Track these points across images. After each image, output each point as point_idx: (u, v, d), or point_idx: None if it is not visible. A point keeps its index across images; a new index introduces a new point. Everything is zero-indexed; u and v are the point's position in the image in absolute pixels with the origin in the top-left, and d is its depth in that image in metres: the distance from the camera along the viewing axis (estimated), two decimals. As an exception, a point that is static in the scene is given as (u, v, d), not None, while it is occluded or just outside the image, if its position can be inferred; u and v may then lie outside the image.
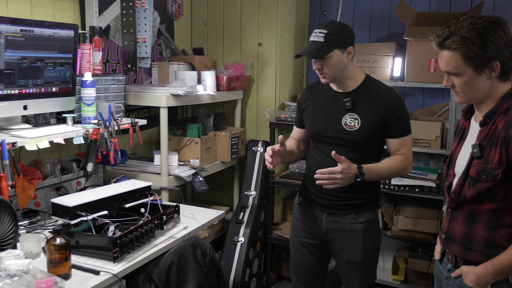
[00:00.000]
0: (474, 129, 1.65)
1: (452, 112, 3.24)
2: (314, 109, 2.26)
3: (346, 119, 2.14)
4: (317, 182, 2.02)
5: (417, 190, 3.33)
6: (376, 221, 2.26)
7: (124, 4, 2.48)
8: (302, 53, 2.14)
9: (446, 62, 1.56)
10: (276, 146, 2.12)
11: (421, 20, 3.33)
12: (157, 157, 2.84)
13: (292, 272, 2.44)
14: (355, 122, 2.13)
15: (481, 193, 1.57)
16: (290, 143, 2.38)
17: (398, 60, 3.38)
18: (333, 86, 2.22)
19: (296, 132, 2.42)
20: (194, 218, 2.34)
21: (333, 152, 1.97)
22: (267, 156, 2.14)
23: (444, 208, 1.79)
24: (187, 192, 3.64)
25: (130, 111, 3.08)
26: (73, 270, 1.73)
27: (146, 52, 2.59)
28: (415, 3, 3.49)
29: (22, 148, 2.02)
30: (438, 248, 1.80)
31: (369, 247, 2.23)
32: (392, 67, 3.38)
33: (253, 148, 3.44)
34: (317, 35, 2.08)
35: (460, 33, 1.52)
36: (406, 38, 3.27)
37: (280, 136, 2.13)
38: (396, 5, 3.37)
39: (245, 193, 3.38)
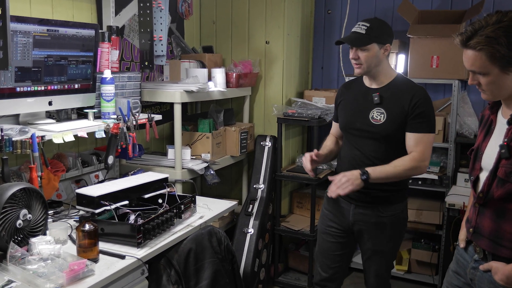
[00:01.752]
0: (502, 125, 1.63)
1: (453, 107, 3.36)
2: (347, 103, 2.38)
3: (373, 113, 2.25)
4: (329, 194, 2.17)
5: (420, 182, 3.44)
6: (402, 214, 2.34)
7: (141, 5, 2.60)
8: (344, 40, 2.25)
9: (471, 62, 1.53)
10: (313, 154, 2.31)
11: (423, 18, 3.44)
12: (171, 151, 2.96)
13: (317, 259, 2.55)
14: (381, 116, 2.23)
15: (509, 193, 1.55)
16: (329, 142, 2.52)
17: (401, 57, 3.50)
18: (366, 82, 2.34)
19: (335, 126, 2.54)
20: (208, 208, 2.46)
21: (329, 176, 2.18)
22: (307, 164, 2.31)
23: (469, 201, 1.80)
24: (197, 186, 3.76)
25: (143, 107, 3.19)
26: (101, 255, 1.84)
27: (162, 50, 2.70)
28: (418, 1, 3.60)
29: (46, 142, 2.14)
30: (463, 236, 1.80)
31: (394, 237, 2.35)
32: (396, 64, 3.49)
33: (262, 143, 3.56)
34: (359, 27, 2.21)
35: (485, 33, 1.48)
36: (409, 36, 3.38)
37: (316, 151, 2.33)
38: (399, 4, 3.48)
39: (254, 186, 3.50)
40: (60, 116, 2.39)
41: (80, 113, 2.47)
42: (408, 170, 2.19)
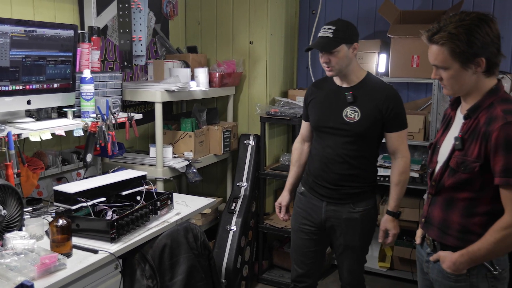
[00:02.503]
0: (459, 120, 1.72)
1: (434, 106, 3.41)
2: (318, 102, 2.43)
3: (347, 111, 2.30)
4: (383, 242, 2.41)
5: (401, 180, 3.48)
6: (373, 209, 2.42)
7: (120, 6, 2.64)
8: (313, 46, 2.31)
9: (434, 56, 1.62)
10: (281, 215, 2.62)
11: (404, 18, 3.49)
12: (152, 150, 3.00)
13: (292, 256, 2.60)
14: (355, 114, 2.29)
15: (459, 182, 1.65)
16: (295, 156, 2.62)
17: (383, 57, 3.55)
18: (337, 81, 2.38)
19: (305, 126, 2.58)
20: (186, 205, 2.50)
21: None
22: (283, 217, 2.63)
23: (425, 194, 1.91)
24: (182, 185, 3.81)
25: (128, 107, 3.24)
26: (74, 250, 1.89)
27: (141, 51, 2.76)
28: (400, 2, 3.66)
29: (26, 140, 2.19)
30: (419, 232, 1.90)
31: (365, 233, 2.42)
32: (377, 63, 3.54)
33: (245, 142, 3.60)
34: (326, 31, 2.25)
35: (448, 29, 1.57)
36: (389, 36, 3.43)
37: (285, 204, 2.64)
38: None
39: (237, 184, 3.55)
40: (40, 115, 2.44)
41: (61, 112, 2.52)
42: (408, 175, 2.39)
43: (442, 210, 1.73)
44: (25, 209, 2.18)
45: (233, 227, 3.36)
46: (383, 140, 2.40)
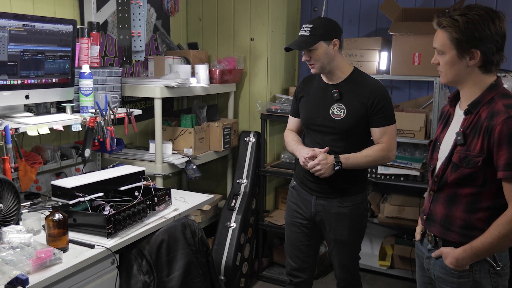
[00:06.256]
0: (459, 116, 1.72)
1: (435, 104, 3.38)
2: (308, 99, 2.44)
3: (334, 109, 2.31)
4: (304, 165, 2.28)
5: (402, 178, 3.47)
6: (362, 204, 2.42)
7: (119, 1, 2.64)
8: (290, 45, 2.33)
9: (436, 38, 1.66)
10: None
11: (406, 16, 3.47)
12: (152, 146, 3.00)
13: (286, 250, 2.61)
14: (341, 112, 2.30)
15: (462, 178, 1.65)
16: (294, 135, 2.55)
17: (384, 54, 3.52)
18: (324, 78, 2.39)
19: (293, 121, 2.59)
20: (185, 201, 2.50)
21: (326, 147, 2.24)
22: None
23: (426, 191, 1.88)
24: (183, 181, 3.81)
25: (128, 103, 3.24)
26: (70, 244, 1.89)
27: (140, 46, 2.75)
28: (402, -1, 3.63)
29: (24, 135, 2.19)
30: (418, 229, 1.89)
31: (354, 228, 2.41)
32: (379, 61, 3.52)
33: (245, 139, 3.60)
34: (304, 30, 2.28)
35: (452, 15, 1.61)
36: (391, 33, 3.41)
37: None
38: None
39: (237, 181, 3.54)
40: (39, 109, 2.44)
41: (60, 107, 2.51)
42: (377, 159, 2.31)
43: (444, 207, 1.73)
44: (23, 204, 2.18)
45: (233, 224, 3.35)
46: None
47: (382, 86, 2.33)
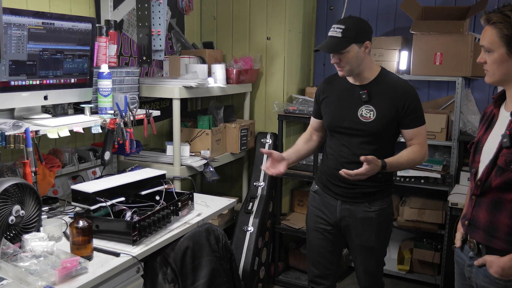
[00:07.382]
0: (504, 118, 1.64)
1: (457, 105, 3.31)
2: (331, 101, 2.34)
3: (362, 111, 2.22)
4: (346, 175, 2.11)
5: (422, 181, 3.39)
6: (389, 208, 2.34)
7: (139, -2, 2.56)
8: (320, 48, 2.20)
9: (483, 36, 1.59)
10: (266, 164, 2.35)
11: (427, 14, 3.39)
12: (169, 148, 2.92)
13: (308, 256, 2.53)
14: (370, 114, 2.20)
15: (507, 182, 1.56)
16: (300, 141, 2.49)
17: (404, 54, 3.45)
18: (350, 79, 2.30)
19: (313, 122, 2.51)
20: (207, 206, 2.42)
21: (362, 157, 2.03)
22: (268, 170, 2.33)
23: (467, 196, 1.81)
24: (196, 183, 3.72)
25: (142, 103, 3.15)
26: (95, 252, 1.81)
27: (160, 45, 2.67)
28: (421, -3, 3.55)
29: (41, 137, 2.10)
30: (459, 235, 1.81)
31: (382, 233, 2.33)
32: (398, 61, 3.44)
33: (262, 140, 3.51)
34: (335, 31, 2.16)
35: (504, 10, 1.54)
36: (412, 32, 3.33)
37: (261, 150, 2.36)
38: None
39: (254, 184, 3.46)
40: (56, 111, 2.35)
41: (77, 108, 2.43)
42: (417, 161, 2.26)
43: (488, 212, 1.64)
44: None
45: (251, 228, 3.27)
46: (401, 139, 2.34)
47: (411, 87, 2.25)
